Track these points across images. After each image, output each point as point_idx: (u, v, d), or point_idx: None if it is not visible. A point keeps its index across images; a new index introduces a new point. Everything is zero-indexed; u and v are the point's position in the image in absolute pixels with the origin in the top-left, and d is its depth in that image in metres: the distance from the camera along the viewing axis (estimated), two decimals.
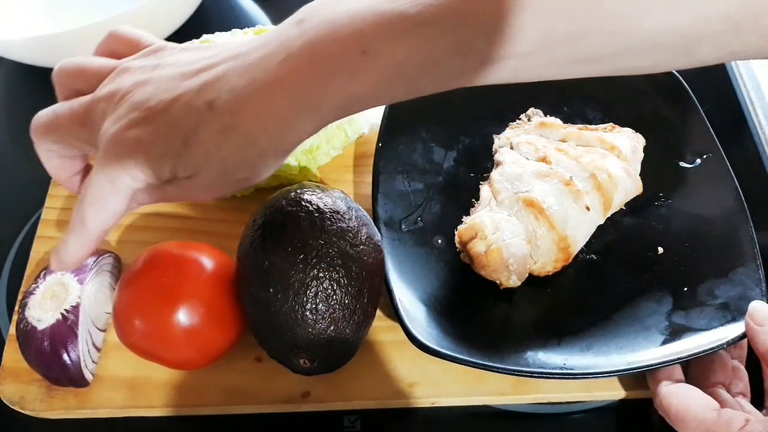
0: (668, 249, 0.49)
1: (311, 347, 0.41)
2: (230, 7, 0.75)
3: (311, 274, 0.40)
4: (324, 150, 0.54)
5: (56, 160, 0.38)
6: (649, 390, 0.44)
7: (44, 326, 0.44)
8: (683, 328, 0.45)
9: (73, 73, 0.37)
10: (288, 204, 0.43)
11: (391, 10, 0.29)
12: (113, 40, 0.39)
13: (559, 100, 0.57)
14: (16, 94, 0.68)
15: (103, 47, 0.39)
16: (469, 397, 0.45)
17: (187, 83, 0.33)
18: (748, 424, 0.37)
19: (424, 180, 0.54)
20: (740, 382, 0.43)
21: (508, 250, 0.46)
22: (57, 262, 0.37)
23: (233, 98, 0.31)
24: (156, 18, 0.63)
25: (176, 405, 0.45)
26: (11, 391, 0.46)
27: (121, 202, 0.34)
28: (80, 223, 0.35)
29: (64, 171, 0.39)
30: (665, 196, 0.52)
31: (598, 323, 0.46)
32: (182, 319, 0.41)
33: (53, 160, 0.38)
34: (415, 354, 0.43)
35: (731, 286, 0.46)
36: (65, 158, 0.38)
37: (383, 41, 0.29)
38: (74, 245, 0.36)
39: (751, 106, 0.62)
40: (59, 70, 0.38)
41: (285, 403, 0.45)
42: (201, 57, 0.34)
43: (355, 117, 0.55)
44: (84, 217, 0.34)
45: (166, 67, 0.34)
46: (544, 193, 0.47)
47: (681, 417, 0.39)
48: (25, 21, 0.70)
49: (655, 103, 0.56)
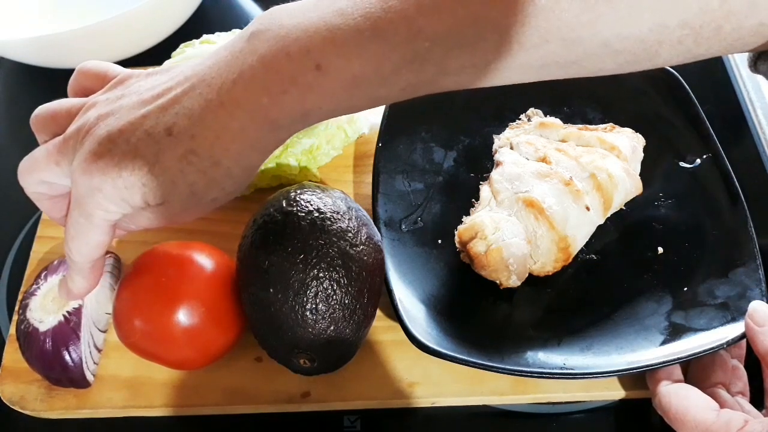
0: (668, 249, 0.49)
1: (311, 347, 0.41)
2: (230, 7, 0.75)
3: (311, 274, 0.40)
4: (324, 150, 0.54)
5: (46, 201, 0.39)
6: (649, 390, 0.44)
7: (46, 328, 0.44)
8: (683, 328, 0.45)
9: (47, 119, 0.38)
10: (288, 204, 0.43)
11: (343, 24, 0.29)
12: (82, 77, 0.39)
13: (559, 100, 0.57)
14: (16, 94, 0.68)
15: (73, 84, 0.40)
16: (468, 397, 0.45)
17: (145, 110, 0.33)
18: (747, 425, 0.37)
19: (424, 180, 0.54)
20: (739, 382, 0.43)
21: (508, 250, 0.46)
22: (66, 294, 0.39)
23: (191, 123, 0.31)
24: (156, 18, 0.63)
25: (176, 405, 0.45)
26: (11, 391, 0.46)
27: (101, 235, 0.35)
28: (69, 259, 0.36)
29: (56, 211, 0.39)
30: (665, 196, 0.52)
31: (598, 323, 0.46)
32: (182, 319, 0.41)
33: (44, 202, 0.39)
34: (415, 354, 0.43)
35: (731, 286, 0.46)
36: (54, 198, 0.39)
37: (336, 56, 0.29)
38: (74, 278, 0.38)
39: (751, 106, 0.62)
40: (34, 118, 0.38)
41: (285, 403, 0.45)
42: (159, 82, 0.34)
43: (355, 117, 0.55)
44: (70, 253, 0.36)
45: (129, 96, 0.35)
46: (544, 193, 0.47)
47: (680, 417, 0.39)
48: (25, 21, 0.70)
49: (655, 103, 0.56)
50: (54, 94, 0.64)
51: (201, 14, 0.70)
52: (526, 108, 0.57)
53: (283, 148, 0.53)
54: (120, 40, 0.63)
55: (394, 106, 0.55)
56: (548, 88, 0.57)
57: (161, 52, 0.65)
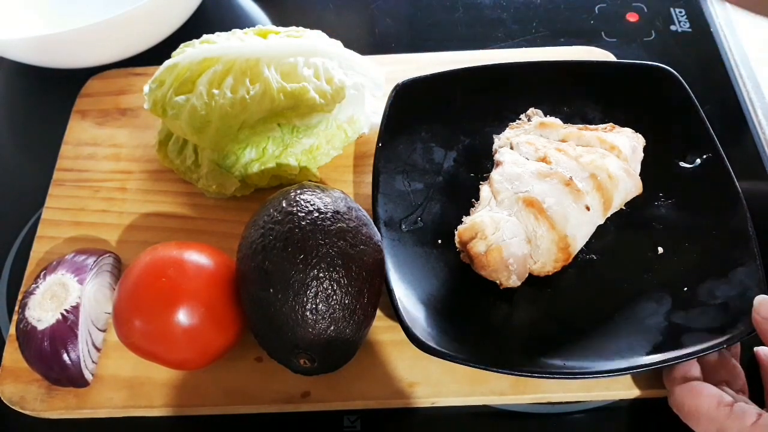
0: (668, 249, 0.49)
1: (311, 347, 0.41)
2: (230, 7, 0.75)
3: (311, 274, 0.40)
4: (324, 150, 0.54)
5: None
6: (649, 390, 0.44)
7: (44, 326, 0.44)
8: (683, 328, 0.45)
9: None
10: (288, 204, 0.43)
11: None
12: None
13: (559, 100, 0.57)
14: (16, 94, 0.68)
15: None
16: (469, 397, 0.45)
17: None
18: (761, 419, 0.37)
19: (424, 180, 0.54)
20: (739, 380, 0.43)
21: (508, 249, 0.46)
22: None
23: None
24: (156, 18, 0.63)
25: (176, 405, 0.45)
26: (11, 391, 0.46)
27: None
28: None
29: None
30: (665, 196, 0.52)
31: (598, 323, 0.46)
32: (182, 319, 0.41)
33: None
34: (415, 354, 0.43)
35: (731, 286, 0.46)
36: None
37: None
38: None
39: (751, 106, 0.62)
40: None
41: (285, 403, 0.45)
42: None
43: (355, 117, 0.55)
44: None
45: None
46: (544, 193, 0.47)
47: (694, 414, 0.39)
48: (25, 21, 0.70)
49: (655, 103, 0.56)
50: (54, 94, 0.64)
51: (201, 14, 0.70)
52: (526, 108, 0.57)
53: (283, 148, 0.53)
54: (120, 40, 0.63)
55: (394, 106, 0.55)
56: (548, 88, 0.58)
57: (161, 52, 0.65)
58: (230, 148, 0.51)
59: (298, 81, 0.51)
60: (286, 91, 0.50)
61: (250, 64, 0.51)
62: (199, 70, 0.51)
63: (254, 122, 0.50)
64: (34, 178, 0.58)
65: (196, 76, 0.51)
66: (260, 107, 0.50)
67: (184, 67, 0.52)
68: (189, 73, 0.51)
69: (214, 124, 0.50)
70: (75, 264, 0.47)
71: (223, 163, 0.52)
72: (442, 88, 0.57)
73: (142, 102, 0.55)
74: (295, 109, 0.51)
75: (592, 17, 0.71)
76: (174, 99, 0.51)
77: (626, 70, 0.58)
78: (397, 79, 0.56)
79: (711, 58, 0.66)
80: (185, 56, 0.52)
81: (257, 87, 0.50)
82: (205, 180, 0.53)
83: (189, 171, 0.54)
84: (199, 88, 0.51)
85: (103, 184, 0.57)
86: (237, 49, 0.52)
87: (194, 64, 0.52)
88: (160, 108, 0.52)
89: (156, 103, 0.52)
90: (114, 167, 0.58)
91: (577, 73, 0.58)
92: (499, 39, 0.69)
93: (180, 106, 0.51)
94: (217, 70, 0.51)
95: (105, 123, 0.61)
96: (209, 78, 0.51)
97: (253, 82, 0.50)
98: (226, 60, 0.51)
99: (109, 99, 0.62)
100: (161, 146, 0.55)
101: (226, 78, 0.51)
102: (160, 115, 0.52)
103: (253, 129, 0.51)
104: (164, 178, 0.56)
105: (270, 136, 0.52)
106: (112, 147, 0.59)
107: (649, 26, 0.69)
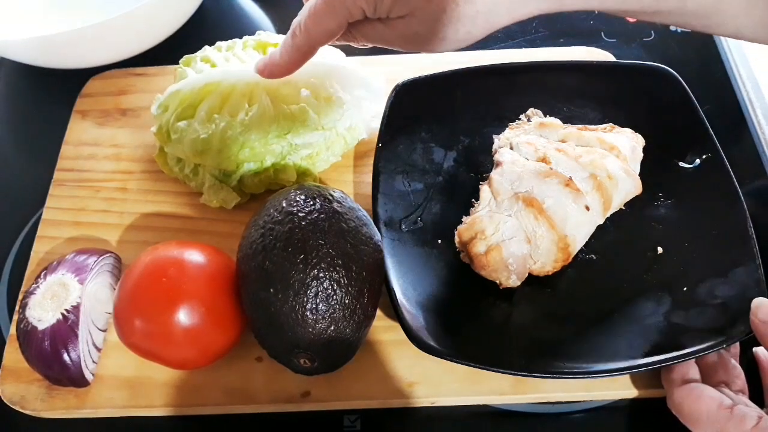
0: (668, 249, 0.49)
1: (311, 347, 0.41)
2: (230, 7, 0.75)
3: (311, 274, 0.40)
4: (323, 157, 0.55)
5: None
6: (648, 390, 0.44)
7: (45, 326, 0.44)
8: (682, 328, 0.45)
9: None
10: (288, 204, 0.43)
11: None
12: None
13: (558, 100, 0.57)
14: (16, 94, 0.68)
15: None
16: (468, 396, 0.45)
17: None
18: (761, 421, 0.37)
19: (424, 180, 0.54)
20: (738, 380, 0.43)
21: (508, 249, 0.46)
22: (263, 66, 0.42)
23: None
24: (156, 18, 0.63)
25: (176, 405, 0.45)
26: (12, 391, 0.46)
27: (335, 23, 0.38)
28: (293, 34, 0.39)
29: None
30: (665, 196, 0.52)
31: (598, 323, 0.46)
32: (182, 319, 0.41)
33: None
34: (415, 354, 0.43)
35: (731, 286, 0.46)
36: None
37: None
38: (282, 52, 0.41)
39: (750, 106, 0.62)
40: None
41: (285, 403, 0.45)
42: None
43: (354, 123, 0.55)
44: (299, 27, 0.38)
45: None
46: (544, 193, 0.47)
47: (694, 416, 0.39)
48: (26, 21, 0.70)
49: (654, 103, 0.56)
50: (54, 94, 0.64)
51: (201, 15, 0.70)
52: (526, 108, 0.57)
53: (281, 159, 0.53)
54: (120, 41, 0.63)
55: (394, 106, 0.55)
56: (548, 89, 0.58)
57: (162, 52, 0.65)
58: (229, 164, 0.52)
59: (297, 102, 0.52)
60: (285, 112, 0.51)
61: (250, 87, 0.52)
62: (201, 96, 0.52)
63: (254, 143, 0.51)
64: (35, 178, 0.58)
65: (198, 102, 0.52)
66: (260, 129, 0.51)
67: (186, 94, 0.53)
68: (191, 99, 0.52)
69: (215, 146, 0.51)
70: (75, 264, 0.47)
71: (221, 174, 0.53)
72: (442, 89, 0.57)
73: (142, 102, 0.55)
74: (294, 130, 0.52)
75: (591, 17, 0.71)
76: (176, 124, 0.52)
77: (626, 70, 0.58)
78: (397, 79, 0.56)
79: (710, 58, 0.67)
80: (187, 82, 0.53)
81: (255, 109, 0.51)
82: (207, 195, 0.53)
83: (188, 179, 0.54)
84: (200, 114, 0.52)
85: (104, 184, 0.57)
86: (237, 74, 0.52)
87: (196, 90, 0.52)
88: (165, 133, 0.53)
89: (161, 128, 0.53)
90: (114, 167, 0.58)
91: (577, 73, 0.58)
92: (499, 39, 0.69)
93: (182, 130, 0.51)
94: (218, 95, 0.52)
95: (105, 123, 0.61)
96: (210, 104, 0.52)
97: (251, 104, 0.51)
98: (226, 84, 0.52)
99: (109, 99, 0.63)
100: (161, 152, 0.56)
101: (226, 103, 0.52)
102: (164, 141, 0.53)
103: (253, 149, 0.51)
104: (165, 179, 0.56)
105: (269, 150, 0.52)
106: (112, 147, 0.59)
107: (648, 26, 0.70)
